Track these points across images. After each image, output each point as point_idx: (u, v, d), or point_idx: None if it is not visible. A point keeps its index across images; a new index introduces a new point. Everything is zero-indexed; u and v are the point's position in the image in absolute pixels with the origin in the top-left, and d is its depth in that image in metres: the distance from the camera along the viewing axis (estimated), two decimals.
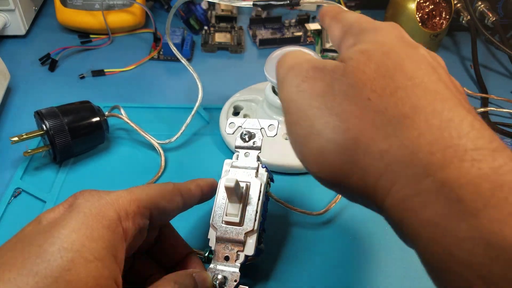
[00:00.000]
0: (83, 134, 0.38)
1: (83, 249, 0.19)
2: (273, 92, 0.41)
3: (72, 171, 0.39)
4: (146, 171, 0.39)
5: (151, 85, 0.50)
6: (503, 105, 0.51)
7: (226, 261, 0.27)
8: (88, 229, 0.20)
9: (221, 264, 0.27)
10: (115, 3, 0.57)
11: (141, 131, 0.41)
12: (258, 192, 0.28)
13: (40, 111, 0.37)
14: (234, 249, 0.27)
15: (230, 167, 0.30)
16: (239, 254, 0.27)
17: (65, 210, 0.21)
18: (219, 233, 0.28)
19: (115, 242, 0.21)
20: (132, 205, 0.23)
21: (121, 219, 0.22)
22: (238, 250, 0.27)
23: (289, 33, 0.61)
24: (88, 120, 0.38)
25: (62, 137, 0.36)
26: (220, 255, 0.28)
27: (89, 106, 0.39)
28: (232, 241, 0.28)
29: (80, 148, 0.39)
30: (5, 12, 0.53)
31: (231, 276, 0.27)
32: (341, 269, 0.32)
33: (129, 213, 0.22)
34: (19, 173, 0.38)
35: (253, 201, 0.28)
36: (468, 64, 0.58)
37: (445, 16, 0.57)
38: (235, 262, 0.27)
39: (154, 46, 0.56)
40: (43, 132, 0.36)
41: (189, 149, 0.42)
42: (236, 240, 0.27)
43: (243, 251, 0.27)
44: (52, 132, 0.36)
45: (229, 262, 0.27)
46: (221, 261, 0.27)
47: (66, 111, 0.37)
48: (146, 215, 0.23)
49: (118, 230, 0.21)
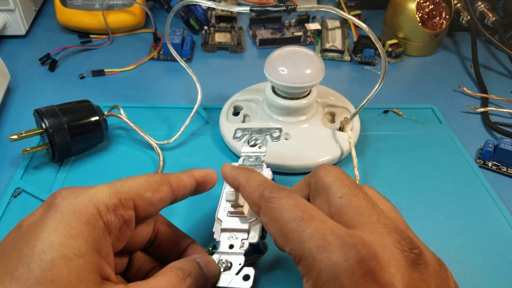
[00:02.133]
0: (82, 132, 0.38)
1: (62, 249, 0.19)
2: (273, 92, 0.41)
3: (72, 170, 0.39)
4: (144, 170, 0.39)
5: (151, 85, 0.50)
6: (503, 105, 0.51)
7: (230, 249, 0.28)
8: (66, 228, 0.20)
9: (225, 252, 0.28)
10: (115, 3, 0.57)
11: (140, 131, 0.41)
12: None
13: (39, 109, 0.37)
14: (239, 238, 0.28)
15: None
16: (243, 242, 0.28)
17: (43, 211, 0.21)
18: (224, 224, 0.28)
19: (97, 237, 0.21)
20: (112, 198, 0.23)
21: (101, 213, 0.22)
22: (242, 239, 0.28)
23: (289, 33, 0.61)
24: (88, 119, 0.38)
25: (61, 136, 0.36)
26: (224, 244, 0.28)
27: (88, 105, 0.39)
28: (237, 230, 0.28)
29: (79, 147, 0.39)
30: (5, 12, 0.53)
31: (235, 260, 0.27)
32: None
33: (109, 206, 0.22)
34: (19, 173, 0.38)
35: None
36: (468, 64, 0.58)
37: (445, 16, 0.57)
38: (240, 249, 0.28)
39: (154, 46, 0.56)
40: (42, 130, 0.36)
41: (189, 149, 0.42)
42: (241, 229, 0.28)
43: (247, 239, 0.28)
44: (52, 131, 0.36)
45: (234, 249, 0.28)
46: (225, 250, 0.28)
47: (65, 110, 0.37)
48: (129, 207, 0.23)
49: (99, 224, 0.22)
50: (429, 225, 0.36)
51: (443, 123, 0.47)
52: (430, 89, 0.53)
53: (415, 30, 0.57)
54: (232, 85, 0.49)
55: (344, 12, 0.33)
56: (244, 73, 0.54)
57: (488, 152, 0.42)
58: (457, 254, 0.34)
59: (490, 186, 0.39)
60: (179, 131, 0.42)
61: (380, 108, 0.48)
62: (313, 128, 0.41)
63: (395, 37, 0.59)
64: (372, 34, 0.34)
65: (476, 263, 0.33)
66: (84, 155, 0.40)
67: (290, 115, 0.41)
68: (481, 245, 0.34)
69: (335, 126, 0.43)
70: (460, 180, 0.40)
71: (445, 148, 0.44)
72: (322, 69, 0.39)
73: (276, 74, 0.38)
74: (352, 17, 0.33)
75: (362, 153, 0.42)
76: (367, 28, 0.34)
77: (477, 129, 0.47)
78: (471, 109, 0.50)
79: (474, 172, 0.41)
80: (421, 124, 0.47)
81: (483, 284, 0.32)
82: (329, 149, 0.40)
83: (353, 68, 0.56)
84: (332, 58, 0.57)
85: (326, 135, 0.41)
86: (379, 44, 0.34)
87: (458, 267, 0.33)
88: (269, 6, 0.35)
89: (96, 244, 0.21)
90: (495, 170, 0.42)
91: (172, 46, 0.44)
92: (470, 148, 0.44)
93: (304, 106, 0.40)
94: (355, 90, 0.51)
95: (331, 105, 0.45)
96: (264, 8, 0.34)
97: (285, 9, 0.34)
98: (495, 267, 0.33)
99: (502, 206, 0.38)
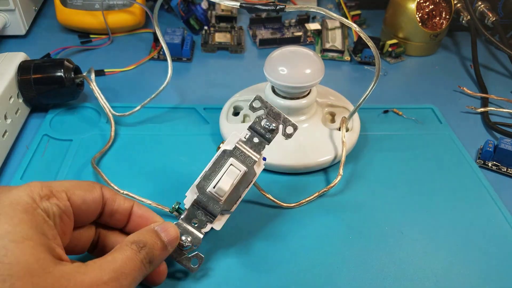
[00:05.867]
0: (47, 88, 0.42)
1: (9, 235, 0.20)
2: (273, 92, 0.41)
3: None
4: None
5: (151, 85, 0.50)
6: (503, 105, 0.51)
7: (193, 225, 0.29)
8: (7, 217, 0.21)
9: (188, 225, 0.29)
10: (115, 3, 0.57)
11: (100, 98, 0.44)
12: (249, 182, 0.30)
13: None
14: (204, 218, 0.29)
15: (237, 142, 0.30)
16: (206, 224, 0.29)
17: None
18: (199, 197, 0.29)
19: (38, 222, 0.22)
20: (44, 190, 0.24)
21: (36, 201, 0.23)
22: (207, 221, 0.29)
23: (289, 33, 0.61)
24: (52, 74, 0.42)
25: (28, 91, 0.42)
26: (189, 217, 0.30)
27: (60, 61, 0.42)
28: (206, 211, 0.29)
29: (48, 100, 0.44)
30: (5, 12, 0.53)
31: (193, 240, 0.29)
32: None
33: (42, 195, 0.23)
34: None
35: (241, 187, 0.30)
36: (468, 64, 0.58)
37: (445, 16, 0.57)
38: (202, 230, 0.29)
39: (154, 46, 0.56)
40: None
41: (189, 149, 0.42)
42: (211, 212, 0.29)
43: (212, 223, 0.30)
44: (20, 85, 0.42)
45: (197, 227, 0.29)
46: (189, 223, 0.29)
47: (38, 66, 0.42)
48: (63, 198, 0.24)
49: (37, 212, 0.22)
50: (429, 225, 0.36)
51: (443, 123, 0.47)
52: (430, 89, 0.53)
53: (415, 30, 0.57)
54: (232, 85, 0.49)
55: (333, 13, 0.33)
56: (244, 73, 0.54)
57: (488, 152, 0.42)
58: (457, 254, 0.34)
59: (490, 186, 0.39)
60: (139, 106, 0.44)
61: (380, 108, 0.48)
62: (313, 128, 0.41)
63: (395, 37, 0.59)
64: (363, 33, 0.34)
65: (476, 263, 0.33)
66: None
67: (290, 115, 0.41)
68: (481, 245, 0.34)
69: (335, 126, 0.43)
70: (460, 180, 0.40)
71: (445, 148, 0.44)
72: (322, 69, 0.39)
73: (276, 74, 0.38)
74: (341, 17, 0.33)
75: (362, 153, 0.42)
76: (358, 28, 0.34)
77: (477, 129, 0.47)
78: (471, 109, 0.50)
79: (474, 172, 0.41)
80: (421, 124, 0.47)
81: (483, 284, 0.32)
82: (329, 149, 0.40)
83: (353, 68, 0.56)
84: (332, 58, 0.57)
85: (326, 135, 0.41)
86: (371, 43, 0.34)
87: (458, 267, 0.33)
88: (259, 4, 0.35)
89: (40, 228, 0.22)
90: (495, 170, 0.42)
91: (166, 44, 0.44)
92: (470, 148, 0.44)
93: (304, 106, 0.40)
94: (355, 90, 0.51)
95: (331, 105, 0.45)
96: (254, 6, 0.34)
97: (274, 8, 0.34)
98: (495, 267, 0.33)
99: (502, 206, 0.38)
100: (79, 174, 0.38)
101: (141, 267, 0.24)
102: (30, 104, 0.44)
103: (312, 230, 0.35)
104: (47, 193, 0.24)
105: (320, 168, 0.40)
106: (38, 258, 0.20)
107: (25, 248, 0.20)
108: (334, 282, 0.31)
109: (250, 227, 0.35)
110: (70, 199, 0.25)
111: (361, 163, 0.41)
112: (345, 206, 0.37)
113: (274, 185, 0.39)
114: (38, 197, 0.23)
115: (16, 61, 0.42)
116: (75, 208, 0.25)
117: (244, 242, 0.33)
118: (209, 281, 0.31)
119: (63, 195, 0.25)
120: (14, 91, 0.41)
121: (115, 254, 0.24)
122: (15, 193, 0.23)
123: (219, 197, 0.29)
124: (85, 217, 0.27)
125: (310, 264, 0.32)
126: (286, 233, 0.34)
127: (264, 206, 0.37)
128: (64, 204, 0.24)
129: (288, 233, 0.34)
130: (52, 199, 0.24)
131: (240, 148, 0.30)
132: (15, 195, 0.22)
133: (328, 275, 0.32)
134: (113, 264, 0.23)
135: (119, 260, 0.24)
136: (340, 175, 0.38)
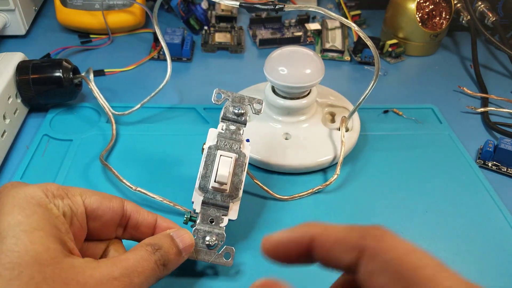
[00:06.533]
0: (45, 88, 0.42)
1: (21, 225, 0.21)
2: (273, 92, 0.41)
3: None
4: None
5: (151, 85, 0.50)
6: (503, 105, 0.51)
7: (211, 224, 0.30)
8: (20, 209, 0.21)
9: (206, 225, 0.30)
10: (115, 3, 0.57)
11: (100, 98, 0.44)
12: (243, 165, 0.31)
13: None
14: (218, 214, 0.30)
15: (218, 136, 0.31)
16: (223, 218, 0.30)
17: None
18: (205, 197, 0.30)
19: (51, 217, 0.22)
20: (60, 190, 0.24)
21: (50, 198, 0.23)
22: (222, 214, 0.30)
23: (289, 33, 0.61)
24: (50, 75, 0.42)
25: (26, 91, 0.42)
26: (204, 217, 0.30)
27: (58, 62, 0.43)
28: (217, 206, 0.30)
29: (46, 100, 0.44)
30: (5, 12, 0.53)
31: (217, 237, 0.29)
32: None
33: (56, 194, 0.24)
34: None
35: (239, 171, 0.31)
36: (468, 64, 0.58)
37: (445, 16, 0.57)
38: (220, 225, 0.30)
39: (154, 46, 0.56)
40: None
41: (188, 148, 0.42)
42: (222, 205, 0.30)
43: (227, 215, 0.30)
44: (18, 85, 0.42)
45: (214, 224, 0.30)
46: (206, 223, 0.30)
47: (36, 66, 0.42)
48: (77, 201, 0.24)
49: (50, 206, 0.23)
50: (429, 225, 0.36)
51: (443, 123, 0.47)
52: (430, 89, 0.53)
53: (415, 30, 0.57)
54: (232, 85, 0.49)
55: (333, 13, 0.33)
56: (244, 73, 0.54)
57: (488, 152, 0.42)
58: (457, 254, 0.34)
59: (490, 186, 0.39)
60: (138, 105, 0.44)
61: (380, 108, 0.48)
62: (313, 128, 0.41)
63: (395, 37, 0.59)
64: (363, 33, 0.34)
65: (476, 263, 0.33)
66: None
67: (290, 115, 0.41)
68: (481, 245, 0.34)
69: (335, 126, 0.43)
70: (460, 180, 0.40)
71: (445, 148, 0.44)
72: (322, 69, 0.39)
73: (276, 74, 0.38)
74: (341, 17, 0.33)
75: (362, 152, 0.42)
76: (357, 28, 0.34)
77: (477, 129, 0.47)
78: (471, 109, 0.50)
79: (474, 172, 0.41)
80: (421, 124, 0.47)
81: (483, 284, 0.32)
82: (329, 149, 0.40)
83: (353, 68, 0.56)
84: (332, 58, 0.57)
85: (326, 135, 0.41)
86: (370, 43, 0.34)
87: (458, 267, 0.33)
88: (258, 4, 0.35)
89: (53, 221, 0.22)
90: (495, 170, 0.42)
91: (166, 44, 0.44)
92: (470, 148, 0.44)
93: (304, 106, 0.40)
94: (355, 90, 0.51)
95: (331, 105, 0.45)
96: (253, 5, 0.35)
97: (273, 7, 0.34)
98: (495, 267, 0.33)
99: (502, 206, 0.38)
100: (84, 172, 0.38)
101: (154, 267, 0.24)
102: (29, 104, 0.44)
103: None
104: (61, 194, 0.24)
105: (320, 168, 0.40)
106: (47, 247, 0.21)
107: (35, 237, 0.21)
108: (330, 281, 0.31)
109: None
110: (85, 202, 0.25)
111: (361, 163, 0.41)
112: (342, 205, 0.37)
113: (275, 185, 0.39)
114: (52, 195, 0.23)
115: (14, 61, 0.42)
116: (90, 213, 0.25)
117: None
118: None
119: (78, 199, 0.25)
120: (12, 91, 0.41)
121: (128, 254, 0.24)
122: (30, 188, 0.23)
123: (223, 188, 0.30)
124: (101, 227, 0.26)
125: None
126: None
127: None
128: (77, 207, 0.24)
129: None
130: (66, 199, 0.24)
131: (222, 139, 0.31)
132: (30, 190, 0.23)
133: (326, 274, 0.32)
134: (125, 262, 0.23)
135: (132, 258, 0.24)
136: (336, 174, 0.38)
